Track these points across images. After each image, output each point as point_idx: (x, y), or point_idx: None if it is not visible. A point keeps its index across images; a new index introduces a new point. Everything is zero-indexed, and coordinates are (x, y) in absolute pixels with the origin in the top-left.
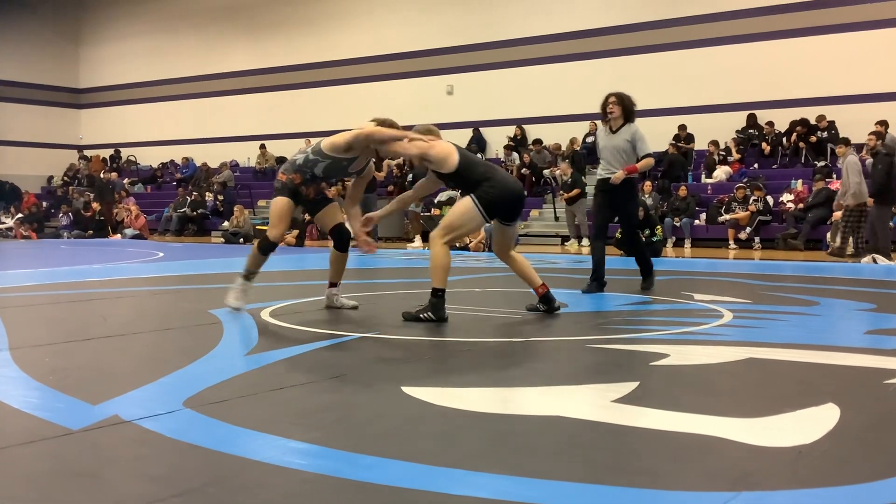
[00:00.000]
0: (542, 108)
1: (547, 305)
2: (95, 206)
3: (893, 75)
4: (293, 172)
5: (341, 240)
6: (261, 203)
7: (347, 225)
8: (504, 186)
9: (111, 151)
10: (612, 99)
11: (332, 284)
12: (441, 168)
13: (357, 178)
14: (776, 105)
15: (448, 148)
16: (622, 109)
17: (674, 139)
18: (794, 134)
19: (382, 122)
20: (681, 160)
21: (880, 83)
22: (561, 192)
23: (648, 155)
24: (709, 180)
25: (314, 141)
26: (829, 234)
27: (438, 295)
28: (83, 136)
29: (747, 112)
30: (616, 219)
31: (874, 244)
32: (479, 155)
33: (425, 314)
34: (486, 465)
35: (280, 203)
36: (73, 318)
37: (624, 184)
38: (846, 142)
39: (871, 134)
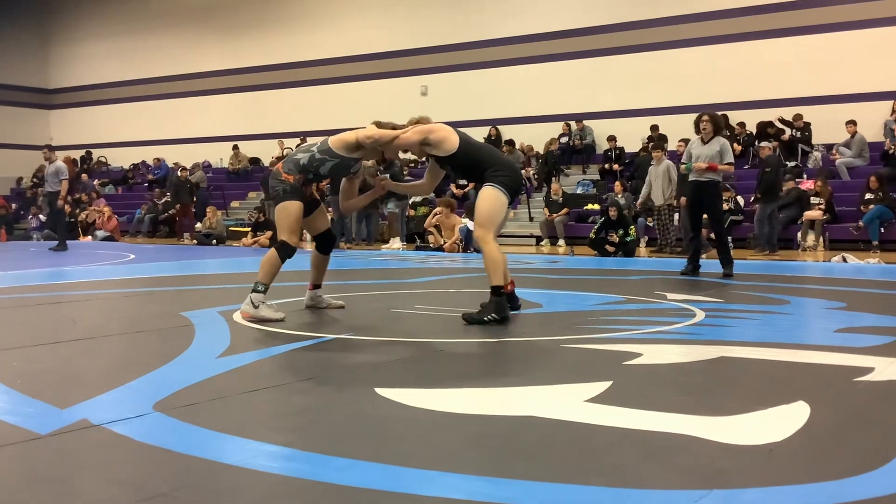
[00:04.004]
0: (517, 108)
1: (510, 304)
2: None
3: (862, 76)
4: (298, 172)
5: (327, 244)
6: (234, 204)
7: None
8: (511, 167)
9: (82, 152)
10: (706, 118)
11: (315, 286)
12: (441, 150)
13: (351, 177)
14: (748, 106)
15: (446, 129)
16: (713, 126)
17: (647, 140)
18: (768, 134)
19: (382, 125)
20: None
21: (850, 84)
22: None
23: (730, 162)
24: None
25: (313, 140)
26: (799, 234)
27: (500, 293)
28: (53, 137)
29: (719, 113)
30: (704, 215)
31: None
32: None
33: (489, 316)
34: (459, 465)
35: (295, 207)
36: (41, 320)
37: (710, 187)
38: (661, 147)
39: (680, 141)
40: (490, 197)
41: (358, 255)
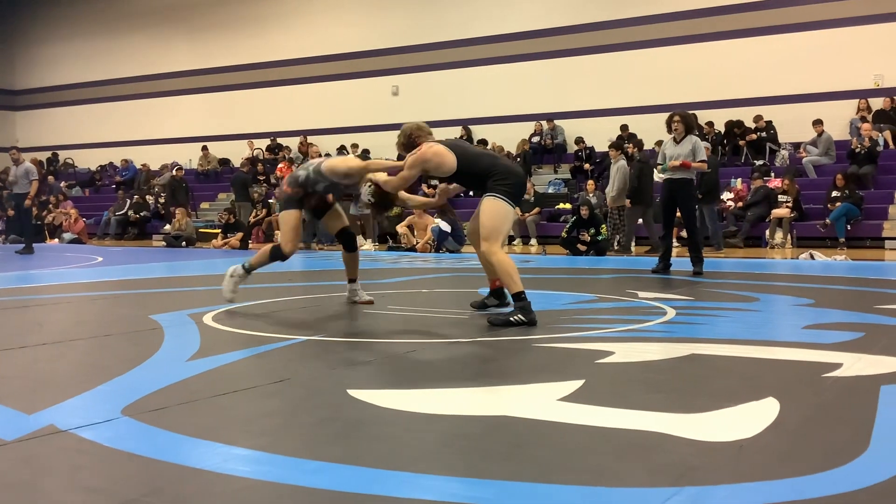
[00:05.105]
0: (488, 108)
1: (498, 300)
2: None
3: (827, 76)
4: (296, 187)
5: (348, 241)
6: (203, 205)
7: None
8: (513, 174)
9: (48, 154)
10: (677, 118)
11: (352, 280)
12: (442, 173)
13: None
14: (715, 105)
15: (441, 154)
16: (684, 126)
17: (616, 139)
18: (735, 134)
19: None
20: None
21: (815, 83)
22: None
23: (703, 160)
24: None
25: (313, 160)
26: (767, 232)
27: (522, 298)
28: (19, 139)
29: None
30: (678, 213)
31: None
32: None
33: (516, 317)
34: (433, 466)
35: (291, 215)
36: (7, 325)
37: (683, 185)
38: (618, 146)
39: (628, 144)
40: (490, 209)
41: (331, 255)
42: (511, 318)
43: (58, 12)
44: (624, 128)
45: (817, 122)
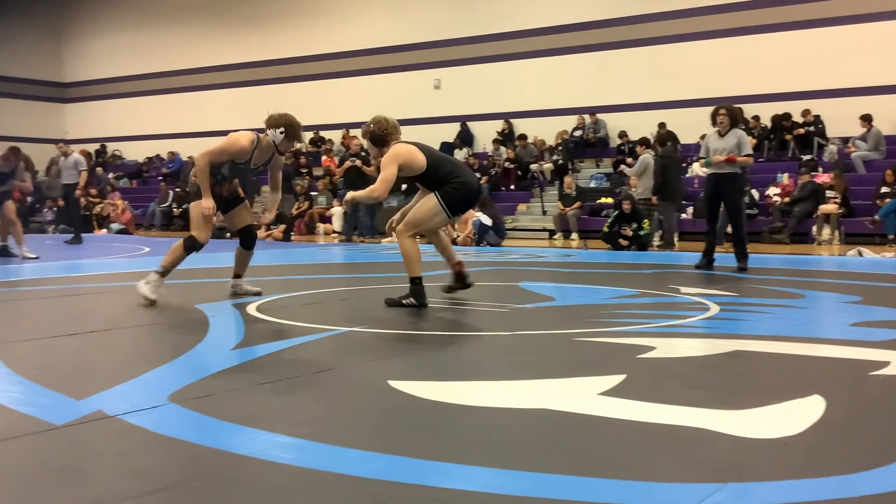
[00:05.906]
0: (530, 102)
1: (461, 283)
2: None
3: (877, 69)
4: None
5: (249, 240)
6: None
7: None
8: (467, 185)
9: (97, 146)
10: (723, 111)
11: (237, 276)
12: (410, 171)
13: (271, 169)
14: (762, 99)
15: (413, 150)
16: (730, 119)
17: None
18: (782, 127)
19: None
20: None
21: (864, 77)
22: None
23: (749, 154)
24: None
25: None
26: (814, 228)
27: (417, 283)
28: (68, 131)
29: (735, 106)
30: (722, 207)
31: (669, 237)
32: (464, 149)
33: (408, 300)
34: (472, 458)
35: (199, 205)
36: (57, 312)
37: (729, 180)
38: (645, 142)
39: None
40: (427, 204)
41: (372, 248)
42: (403, 301)
43: (106, 6)
44: (661, 125)
45: (867, 117)
